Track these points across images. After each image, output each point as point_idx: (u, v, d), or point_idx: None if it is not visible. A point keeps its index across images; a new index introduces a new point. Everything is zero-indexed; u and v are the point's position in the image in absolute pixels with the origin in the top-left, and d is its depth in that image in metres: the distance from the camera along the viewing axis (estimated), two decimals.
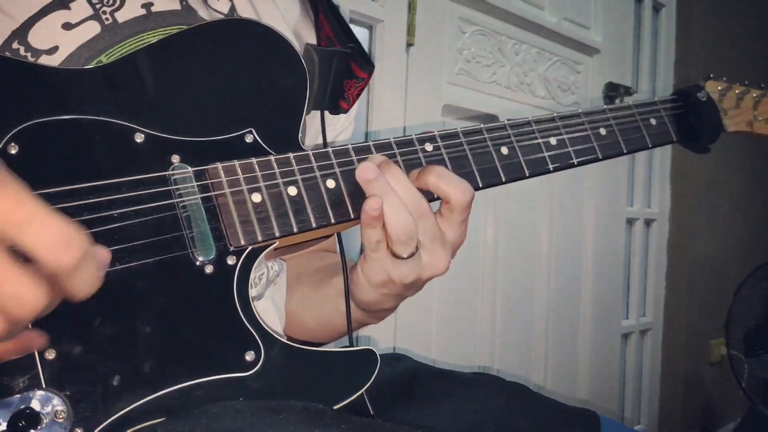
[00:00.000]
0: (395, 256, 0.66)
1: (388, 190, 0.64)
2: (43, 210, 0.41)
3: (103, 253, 0.47)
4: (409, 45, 1.73)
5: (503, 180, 0.75)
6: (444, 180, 0.67)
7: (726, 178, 3.00)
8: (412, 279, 0.67)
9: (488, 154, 0.75)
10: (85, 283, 0.44)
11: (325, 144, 0.78)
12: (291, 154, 0.65)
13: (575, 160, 0.80)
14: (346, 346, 0.68)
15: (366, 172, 0.65)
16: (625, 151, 0.85)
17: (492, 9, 1.96)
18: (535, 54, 2.14)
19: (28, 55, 0.62)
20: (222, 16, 0.75)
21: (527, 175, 0.76)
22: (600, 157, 0.83)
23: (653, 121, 0.89)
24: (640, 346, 2.71)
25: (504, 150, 0.75)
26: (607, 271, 2.41)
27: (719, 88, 0.99)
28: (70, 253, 0.41)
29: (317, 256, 0.92)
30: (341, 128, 0.93)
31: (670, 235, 2.79)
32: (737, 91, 1.00)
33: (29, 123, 0.55)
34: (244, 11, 0.78)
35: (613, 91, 2.37)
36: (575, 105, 2.29)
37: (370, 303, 0.73)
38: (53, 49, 0.63)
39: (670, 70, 2.79)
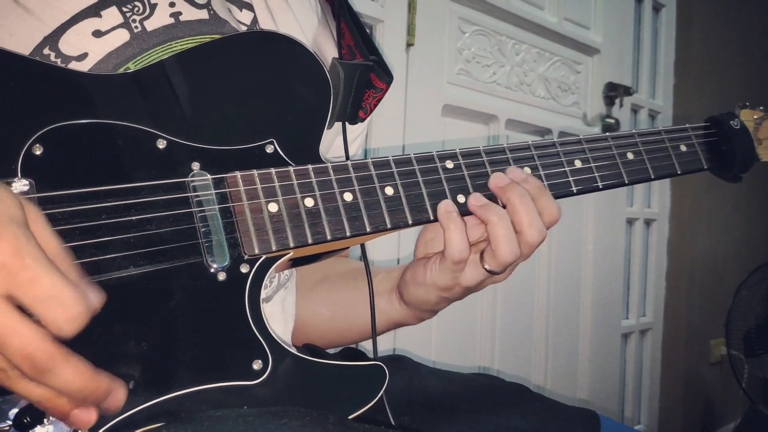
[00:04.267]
0: (483, 267, 0.69)
1: (518, 209, 0.68)
2: (41, 271, 0.43)
3: (97, 299, 0.47)
4: (409, 45, 1.73)
5: None
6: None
7: None
8: (475, 284, 0.71)
9: None
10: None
11: (347, 155, 0.78)
12: (310, 166, 0.65)
13: (600, 184, 0.78)
14: (359, 360, 0.68)
15: (501, 179, 0.71)
16: (652, 177, 0.83)
17: (492, 9, 1.96)
18: (535, 54, 2.14)
19: (58, 61, 0.63)
20: (245, 27, 0.75)
21: None
22: (626, 182, 0.81)
23: (683, 148, 0.87)
24: (640, 346, 2.71)
25: (526, 170, 0.75)
26: (607, 271, 2.41)
27: (755, 116, 0.95)
28: (64, 313, 0.44)
29: (341, 260, 0.93)
30: (357, 133, 0.94)
31: (670, 235, 2.79)
32: None
33: (54, 125, 0.55)
34: (265, 22, 0.79)
35: (613, 91, 2.36)
36: (575, 105, 2.29)
37: (424, 303, 0.76)
38: (82, 56, 0.64)
39: (670, 70, 2.79)
